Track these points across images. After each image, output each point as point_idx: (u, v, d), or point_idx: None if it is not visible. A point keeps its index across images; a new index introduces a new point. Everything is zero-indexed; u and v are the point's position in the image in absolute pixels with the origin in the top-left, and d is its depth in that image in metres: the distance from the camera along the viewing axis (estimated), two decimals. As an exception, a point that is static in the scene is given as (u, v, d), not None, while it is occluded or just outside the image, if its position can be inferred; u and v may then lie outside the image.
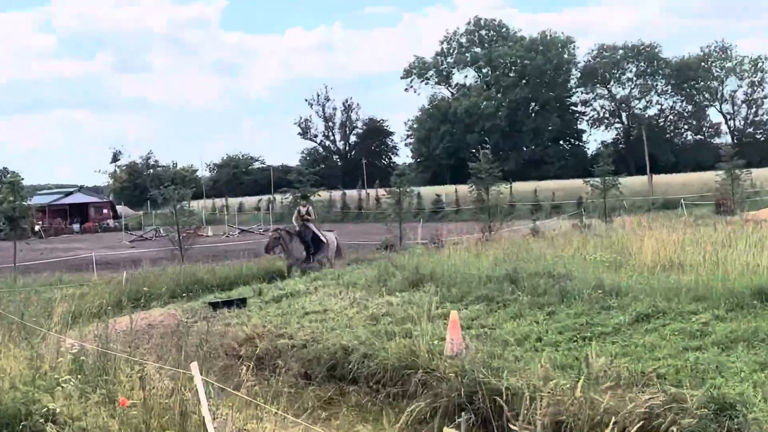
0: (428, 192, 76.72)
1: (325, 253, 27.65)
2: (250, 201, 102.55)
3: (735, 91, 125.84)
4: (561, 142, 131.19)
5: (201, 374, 7.33)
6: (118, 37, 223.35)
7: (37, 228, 68.97)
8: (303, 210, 28.40)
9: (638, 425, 8.39)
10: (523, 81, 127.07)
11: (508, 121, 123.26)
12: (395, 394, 11.83)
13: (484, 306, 15.97)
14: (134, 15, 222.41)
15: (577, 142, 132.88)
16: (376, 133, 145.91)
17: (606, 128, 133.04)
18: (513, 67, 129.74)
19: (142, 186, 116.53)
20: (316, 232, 27.78)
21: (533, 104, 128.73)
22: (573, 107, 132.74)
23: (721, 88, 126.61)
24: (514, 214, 51.48)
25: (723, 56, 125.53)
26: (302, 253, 26.97)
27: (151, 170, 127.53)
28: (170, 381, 8.48)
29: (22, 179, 33.25)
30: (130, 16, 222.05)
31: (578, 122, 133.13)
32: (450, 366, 11.23)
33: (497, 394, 9.79)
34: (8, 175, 37.65)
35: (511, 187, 64.38)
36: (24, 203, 32.51)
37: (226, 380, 9.58)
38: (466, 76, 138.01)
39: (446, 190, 76.86)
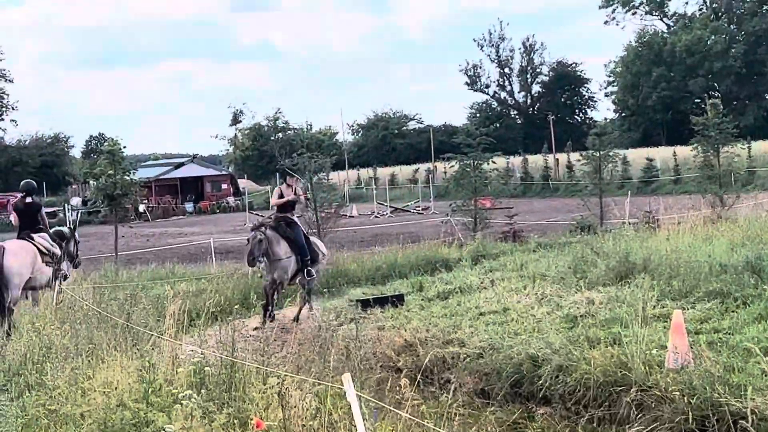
0: (637, 156, 75.47)
1: (320, 264, 22.33)
2: (404, 171, 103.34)
3: None
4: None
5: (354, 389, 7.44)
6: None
7: (141, 208, 71.55)
8: (288, 191, 22.13)
9: None
10: (765, 7, 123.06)
11: (745, 61, 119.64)
12: (600, 418, 11.76)
13: (716, 304, 15.67)
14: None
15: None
16: (567, 80, 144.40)
17: None
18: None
19: (269, 154, 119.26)
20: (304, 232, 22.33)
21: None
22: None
23: None
24: (754, 184, 50.07)
25: None
26: (294, 263, 20.99)
27: (280, 134, 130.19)
28: (314, 398, 8.65)
29: (124, 148, 34.36)
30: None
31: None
32: (673, 382, 11.07)
33: (739, 418, 9.58)
34: (106, 143, 38.98)
35: (749, 147, 62.51)
36: (126, 177, 33.60)
37: (383, 398, 9.70)
38: (686, 3, 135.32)
39: (661, 154, 75.40)
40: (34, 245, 19.64)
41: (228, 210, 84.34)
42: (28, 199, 20.43)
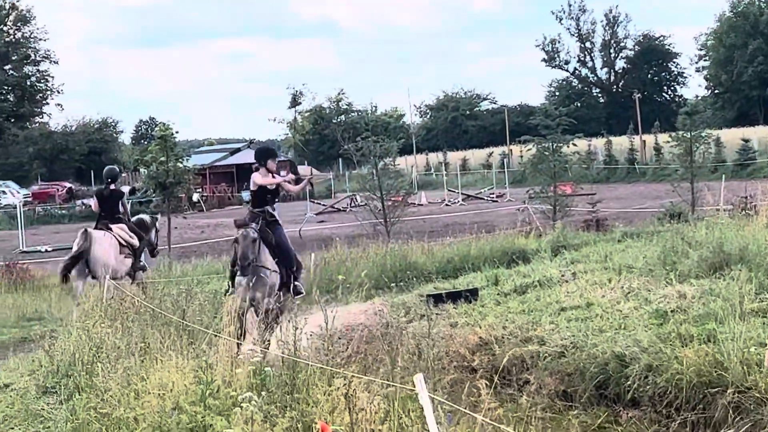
0: (732, 137, 74.74)
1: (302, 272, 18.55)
2: (477, 155, 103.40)
3: None
4: None
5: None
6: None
7: (195, 197, 72.07)
8: (268, 178, 17.41)
9: None
10: None
11: None
12: (694, 422, 11.66)
13: (822, 298, 15.49)
14: None
15: None
16: (654, 55, 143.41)
17: None
18: None
19: (331, 138, 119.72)
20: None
21: None
22: None
23: None
24: None
25: None
26: (277, 276, 16.99)
27: (343, 117, 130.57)
28: (383, 400, 8.67)
29: (176, 133, 34.64)
30: None
31: None
32: (774, 383, 10.96)
33: None
34: (157, 128, 39.30)
35: None
36: (179, 165, 33.86)
37: (456, 399, 9.71)
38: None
39: (758, 134, 74.69)
40: (114, 236, 20.90)
41: (288, 199, 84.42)
42: (112, 186, 21.95)
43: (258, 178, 17.18)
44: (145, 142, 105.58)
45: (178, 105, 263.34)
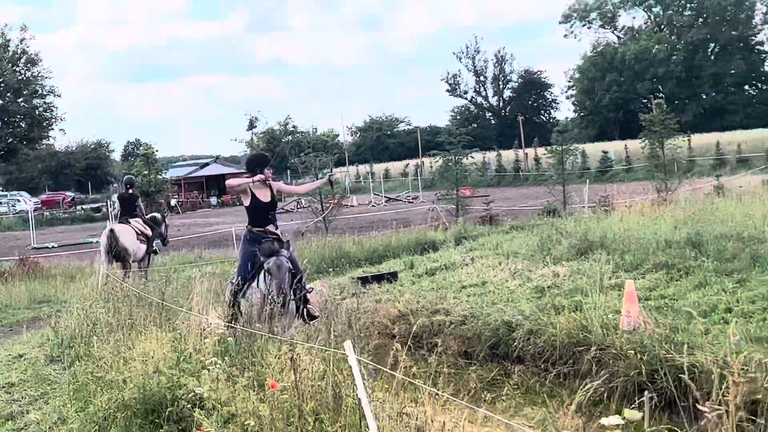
0: (594, 149, 75.33)
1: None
2: (396, 166, 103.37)
3: None
4: (746, 87, 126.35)
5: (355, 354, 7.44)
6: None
7: (173, 203, 71.51)
8: (263, 189, 12.39)
9: None
10: (700, 20, 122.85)
11: (684, 67, 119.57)
12: (566, 374, 11.75)
13: (663, 274, 15.64)
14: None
15: (764, 87, 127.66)
16: (533, 86, 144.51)
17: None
18: (688, 5, 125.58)
19: (281, 154, 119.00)
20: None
21: (712, 46, 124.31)
22: (759, 47, 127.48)
23: None
24: (693, 171, 49.98)
25: None
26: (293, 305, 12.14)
27: (290, 137, 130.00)
28: (321, 362, 8.63)
29: (156, 151, 34.47)
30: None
31: (765, 64, 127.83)
32: (627, 342, 11.08)
33: (682, 372, 9.57)
34: (141, 147, 39.03)
35: (689, 140, 62.49)
36: (159, 177, 33.64)
37: (380, 360, 9.68)
38: (634, 18, 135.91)
39: (615, 147, 75.24)
40: (132, 228, 21.77)
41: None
42: (130, 191, 22.72)
43: (245, 186, 12.28)
44: (132, 159, 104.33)
45: (158, 128, 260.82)
